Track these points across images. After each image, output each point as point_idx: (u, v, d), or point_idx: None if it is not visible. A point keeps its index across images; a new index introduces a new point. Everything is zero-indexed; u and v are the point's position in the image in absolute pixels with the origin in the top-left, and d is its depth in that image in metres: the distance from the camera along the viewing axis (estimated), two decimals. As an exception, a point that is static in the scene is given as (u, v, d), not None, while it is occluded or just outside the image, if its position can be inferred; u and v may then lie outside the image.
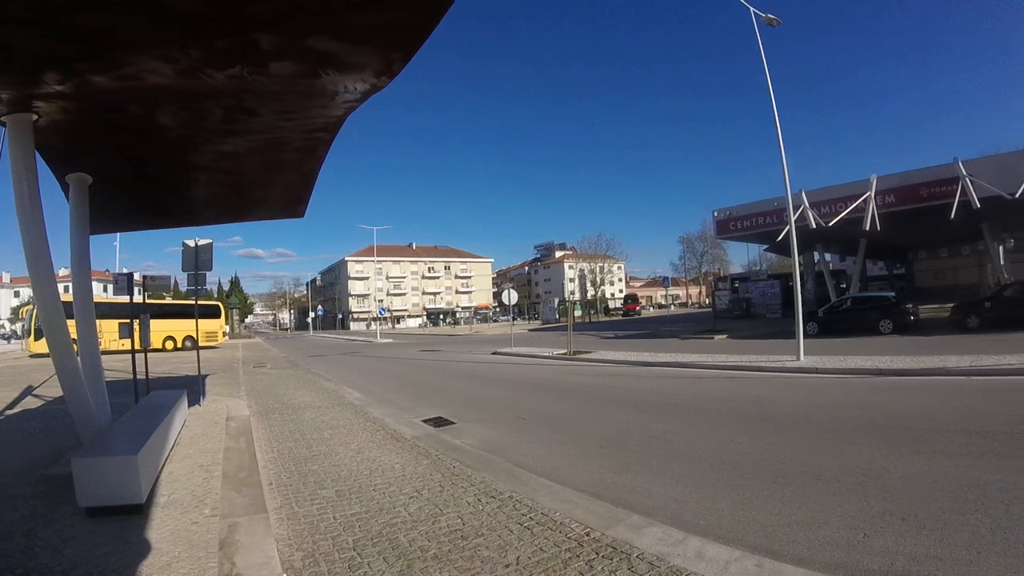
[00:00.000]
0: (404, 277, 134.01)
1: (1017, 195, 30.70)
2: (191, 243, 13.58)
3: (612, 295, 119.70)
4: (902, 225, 38.40)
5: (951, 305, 27.90)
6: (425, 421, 11.83)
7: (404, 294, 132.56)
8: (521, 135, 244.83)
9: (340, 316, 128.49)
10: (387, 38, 4.26)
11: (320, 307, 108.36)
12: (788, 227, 20.66)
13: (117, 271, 38.94)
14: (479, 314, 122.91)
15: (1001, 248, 36.93)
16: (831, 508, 5.99)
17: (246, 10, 3.66)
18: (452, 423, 11.68)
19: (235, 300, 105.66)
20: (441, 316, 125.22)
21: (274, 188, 9.24)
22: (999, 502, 5.78)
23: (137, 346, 12.92)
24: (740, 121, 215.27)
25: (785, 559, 4.85)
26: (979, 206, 32.01)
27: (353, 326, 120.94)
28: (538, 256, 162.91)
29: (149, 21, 3.65)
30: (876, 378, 14.65)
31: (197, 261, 13.66)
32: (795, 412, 11.43)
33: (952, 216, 32.60)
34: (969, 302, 27.21)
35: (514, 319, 49.01)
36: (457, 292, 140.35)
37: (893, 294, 30.27)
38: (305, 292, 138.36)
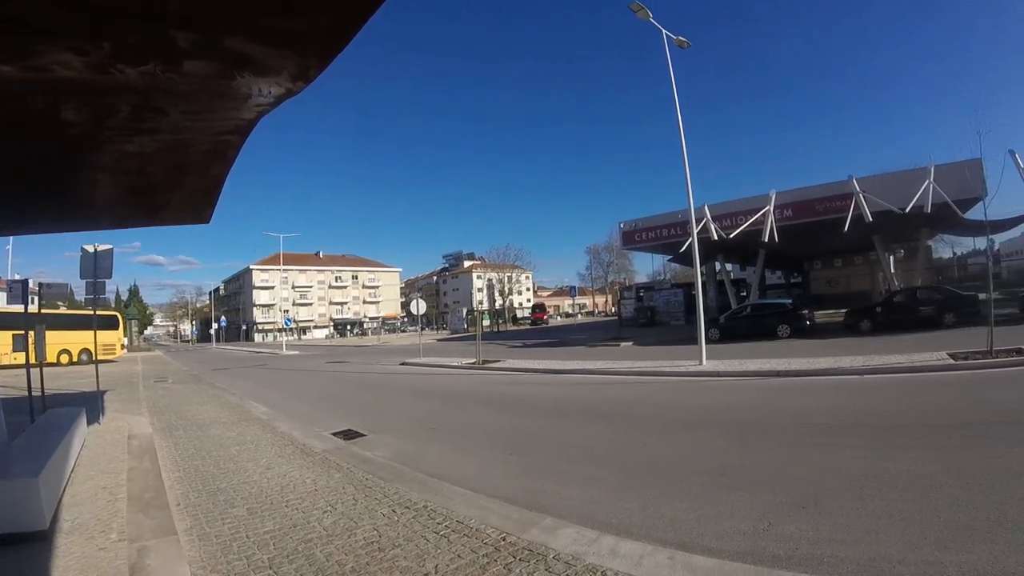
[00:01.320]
0: (311, 287, 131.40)
1: (907, 210, 33.26)
2: (90, 249, 12.85)
3: (520, 304, 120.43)
4: (799, 237, 40.89)
5: (845, 311, 29.77)
6: (335, 434, 11.68)
7: (310, 304, 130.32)
8: (430, 144, 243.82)
9: (244, 327, 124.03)
10: (306, 44, 4.25)
11: (223, 318, 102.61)
12: (691, 239, 21.52)
13: (10, 278, 36.27)
14: (387, 324, 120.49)
15: (891, 258, 39.84)
16: (737, 501, 6.35)
17: (165, 6, 3.62)
18: (363, 435, 11.57)
19: (134, 310, 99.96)
20: (348, 327, 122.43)
21: (180, 192, 8.93)
22: (894, 488, 6.30)
23: (32, 360, 12.20)
24: (648, 136, 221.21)
25: (695, 550, 5.14)
26: (871, 220, 34.42)
27: (258, 337, 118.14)
28: (447, 266, 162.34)
29: (62, 10, 3.56)
30: (774, 379, 15.47)
31: (96, 268, 12.88)
32: (699, 413, 12.00)
33: (846, 229, 34.91)
34: (861, 307, 29.11)
35: (422, 329, 48.77)
36: (365, 302, 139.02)
37: (790, 301, 31.89)
38: (208, 302, 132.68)
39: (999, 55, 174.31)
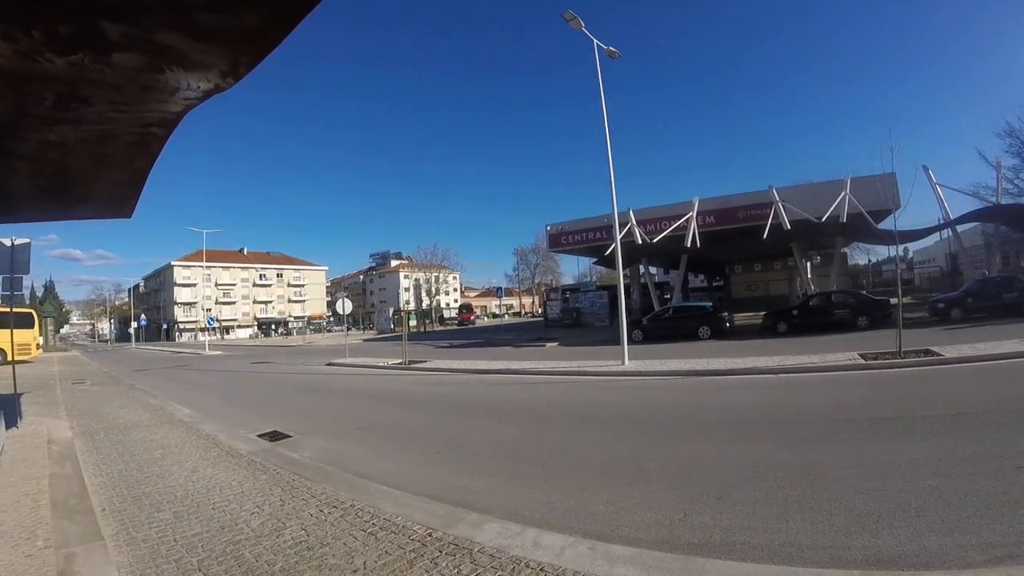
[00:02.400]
0: (234, 284, 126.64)
1: (823, 219, 34.97)
2: (7, 242, 12.23)
3: (448, 305, 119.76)
4: (721, 242, 42.34)
5: (763, 313, 30.69)
6: (261, 436, 11.43)
7: (234, 303, 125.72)
8: (358, 142, 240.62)
9: (165, 326, 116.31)
10: (237, 42, 4.21)
11: (143, 316, 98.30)
12: (614, 244, 21.90)
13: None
14: (313, 324, 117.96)
15: (808, 264, 41.59)
16: (655, 494, 6.59)
17: (101, -1, 3.55)
18: (289, 436, 11.39)
19: (50, 308, 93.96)
20: (273, 326, 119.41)
21: (103, 184, 8.61)
22: (802, 478, 6.66)
23: None
24: (577, 141, 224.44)
25: (615, 541, 5.32)
26: (789, 227, 35.81)
27: (179, 337, 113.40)
28: (374, 265, 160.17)
29: (-3, -3, 3.46)
30: (694, 378, 15.95)
31: (13, 263, 12.26)
32: (620, 411, 12.28)
33: (765, 236, 36.36)
34: (779, 310, 30.12)
35: (349, 329, 48.15)
36: (290, 301, 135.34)
37: (711, 304, 32.86)
38: (127, 299, 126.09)
39: (913, 74, 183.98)
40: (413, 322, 76.87)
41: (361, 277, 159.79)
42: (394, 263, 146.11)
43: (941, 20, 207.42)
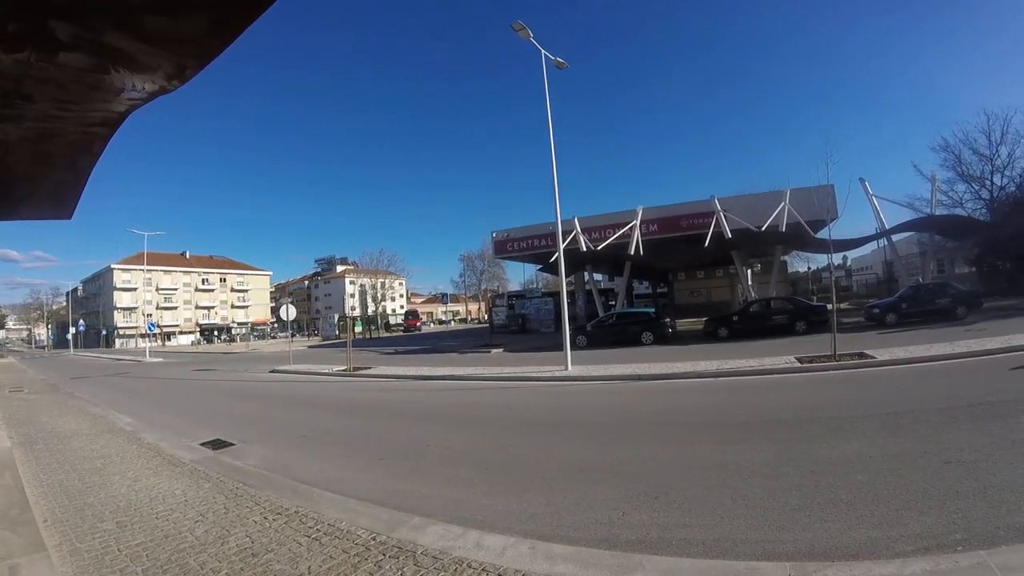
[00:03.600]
0: (176, 289, 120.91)
1: (763, 228, 36.12)
2: None
3: (394, 311, 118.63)
4: (664, 250, 43.08)
5: (705, 319, 31.33)
6: (203, 444, 11.28)
7: (176, 308, 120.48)
8: (304, 146, 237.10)
9: (104, 332, 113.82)
10: (184, 45, 4.16)
11: (82, 321, 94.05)
12: (558, 252, 22.11)
13: None
14: (256, 330, 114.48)
15: (749, 271, 42.56)
16: (594, 494, 6.68)
17: (51, -2, 3.47)
18: (232, 444, 11.19)
19: None
20: (216, 332, 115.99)
21: (44, 183, 8.33)
22: (739, 477, 6.83)
23: None
24: (524, 148, 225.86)
25: (555, 540, 5.41)
26: (731, 236, 36.87)
27: (119, 343, 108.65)
28: (319, 270, 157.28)
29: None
30: (635, 383, 16.17)
31: None
32: (562, 415, 12.40)
33: (707, 244, 37.28)
34: (720, 316, 30.85)
35: (293, 335, 47.45)
36: (233, 306, 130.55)
37: (653, 310, 33.21)
38: (65, 303, 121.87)
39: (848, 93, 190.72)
40: (359, 328, 76.13)
41: (306, 282, 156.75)
42: (340, 268, 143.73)
43: (888, 51, 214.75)
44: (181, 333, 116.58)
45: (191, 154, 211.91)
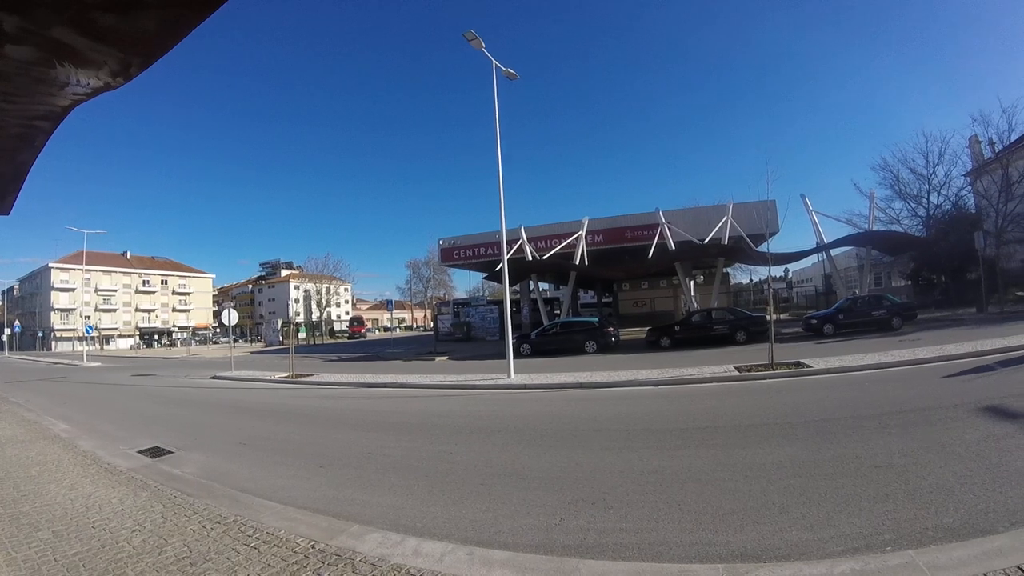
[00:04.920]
0: (115, 291, 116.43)
1: (705, 241, 36.87)
2: None
3: (339, 317, 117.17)
4: (609, 260, 43.57)
5: (648, 328, 31.53)
6: (141, 452, 11.02)
7: (115, 310, 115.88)
8: (251, 151, 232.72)
9: (41, 334, 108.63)
10: (132, 43, 4.08)
11: (17, 322, 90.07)
12: (502, 262, 22.25)
13: None
14: (198, 335, 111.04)
15: (692, 282, 43.48)
16: (532, 501, 6.72)
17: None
18: (170, 452, 10.93)
19: None
20: (156, 336, 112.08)
21: None
22: (673, 482, 6.95)
23: None
24: (473, 158, 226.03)
25: (493, 546, 5.46)
26: (674, 248, 37.45)
27: (57, 346, 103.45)
28: (263, 274, 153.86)
29: None
30: (577, 391, 16.29)
31: None
32: (503, 423, 12.35)
33: (651, 255, 37.92)
34: (662, 326, 31.25)
35: (235, 341, 46.44)
36: (174, 310, 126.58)
37: (597, 319, 33.47)
38: (0, 303, 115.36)
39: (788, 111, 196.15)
40: (302, 334, 75.06)
41: (250, 286, 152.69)
42: (285, 273, 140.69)
43: (823, 73, 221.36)
44: (120, 337, 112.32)
45: (135, 154, 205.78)
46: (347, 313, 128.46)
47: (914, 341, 20.13)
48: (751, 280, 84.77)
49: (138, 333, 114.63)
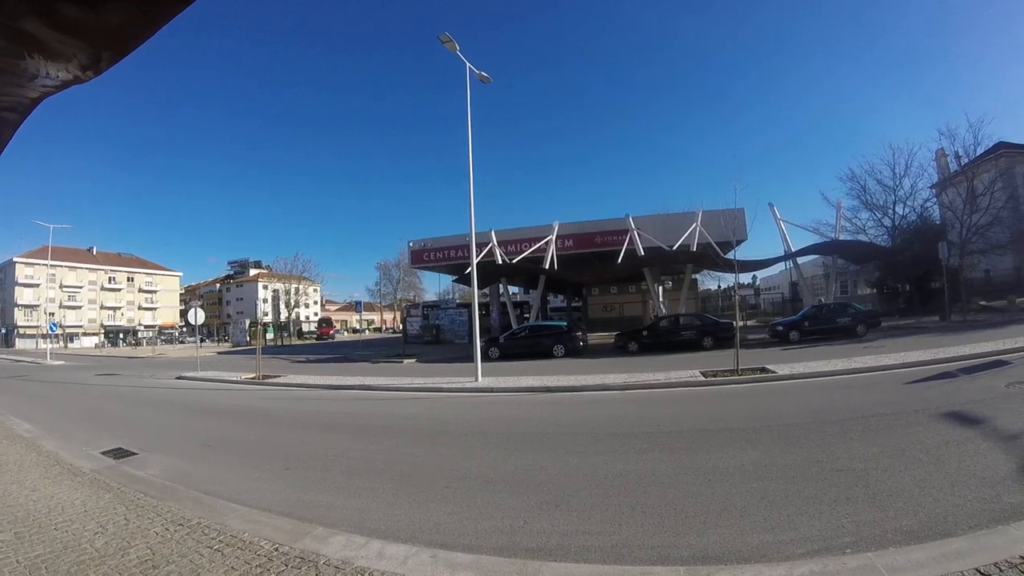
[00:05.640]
0: (81, 287, 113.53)
1: (674, 248, 37.25)
2: None
3: (307, 318, 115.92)
4: (579, 265, 43.64)
5: (616, 333, 31.69)
6: (104, 453, 10.82)
7: (80, 307, 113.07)
8: (221, 148, 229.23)
9: (4, 331, 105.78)
10: (102, 36, 4.03)
11: None
12: (471, 265, 22.25)
13: None
14: (164, 334, 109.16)
15: (660, 288, 43.77)
16: (497, 504, 6.74)
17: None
18: (134, 454, 10.75)
19: None
20: (121, 335, 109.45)
21: None
22: (637, 485, 7.01)
23: None
24: (444, 160, 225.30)
25: (457, 548, 5.46)
26: (643, 254, 37.71)
27: (20, 344, 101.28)
28: (232, 273, 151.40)
29: None
30: (544, 394, 16.30)
31: None
32: (469, 426, 12.37)
33: (620, 260, 38.11)
34: (630, 331, 31.59)
35: (202, 340, 45.71)
36: (140, 308, 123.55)
37: (565, 323, 33.61)
38: None
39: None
40: (270, 335, 74.48)
41: (218, 285, 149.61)
42: (253, 272, 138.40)
43: (790, 82, 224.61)
44: (85, 335, 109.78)
45: (103, 149, 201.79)
46: (316, 314, 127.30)
47: (878, 348, 20.49)
48: (719, 286, 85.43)
49: (103, 331, 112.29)
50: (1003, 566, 4.20)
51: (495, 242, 41.80)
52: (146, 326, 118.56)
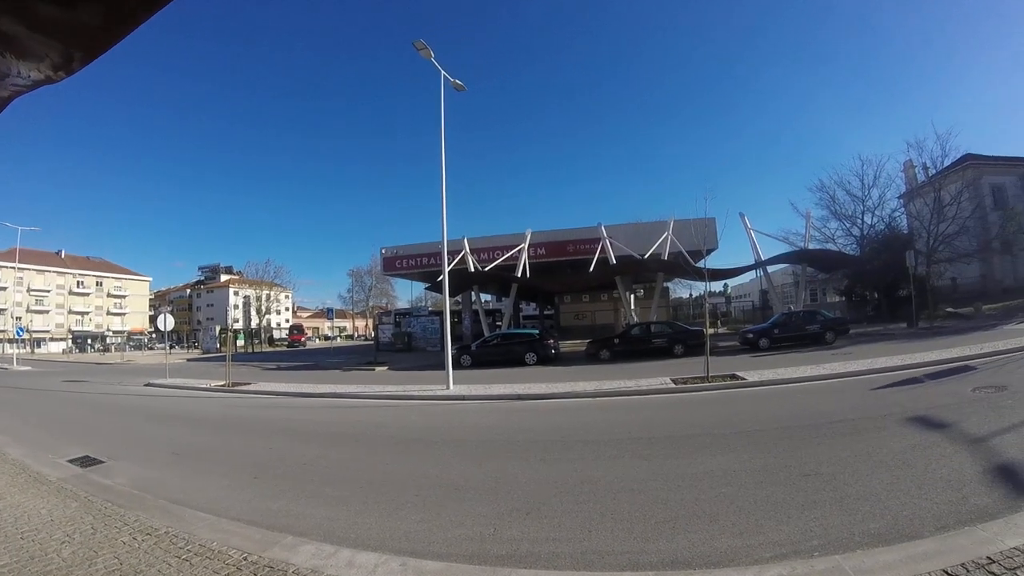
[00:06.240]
0: (48, 291, 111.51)
1: (646, 256, 37.63)
2: None
3: (278, 325, 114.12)
4: (551, 273, 43.93)
5: (588, 341, 31.80)
6: (72, 461, 10.62)
7: (47, 312, 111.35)
8: (193, 152, 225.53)
9: None
10: (76, 36, 3.96)
11: None
12: (443, 272, 22.24)
13: None
14: (133, 340, 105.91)
15: (632, 296, 44.07)
16: (467, 511, 6.70)
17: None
18: (101, 462, 10.54)
19: None
20: (89, 341, 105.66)
21: None
22: (607, 492, 7.02)
23: None
24: (417, 167, 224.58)
25: (427, 557, 5.40)
26: (615, 262, 37.99)
27: None
28: (202, 278, 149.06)
29: None
30: (515, 402, 16.35)
31: None
32: (440, 434, 12.39)
33: (591, 269, 38.40)
34: (602, 338, 31.53)
35: (171, 347, 45.10)
36: (109, 313, 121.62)
37: (537, 331, 33.69)
38: None
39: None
40: (241, 342, 73.43)
41: (188, 291, 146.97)
42: (224, 278, 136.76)
43: (759, 88, 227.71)
44: (52, 340, 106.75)
45: (73, 151, 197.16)
46: (287, 321, 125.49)
47: (846, 355, 20.76)
48: (691, 294, 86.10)
49: (71, 336, 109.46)
50: (970, 567, 4.25)
51: (468, 249, 41.93)
52: (115, 332, 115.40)
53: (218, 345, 71.10)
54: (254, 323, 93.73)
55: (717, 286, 72.87)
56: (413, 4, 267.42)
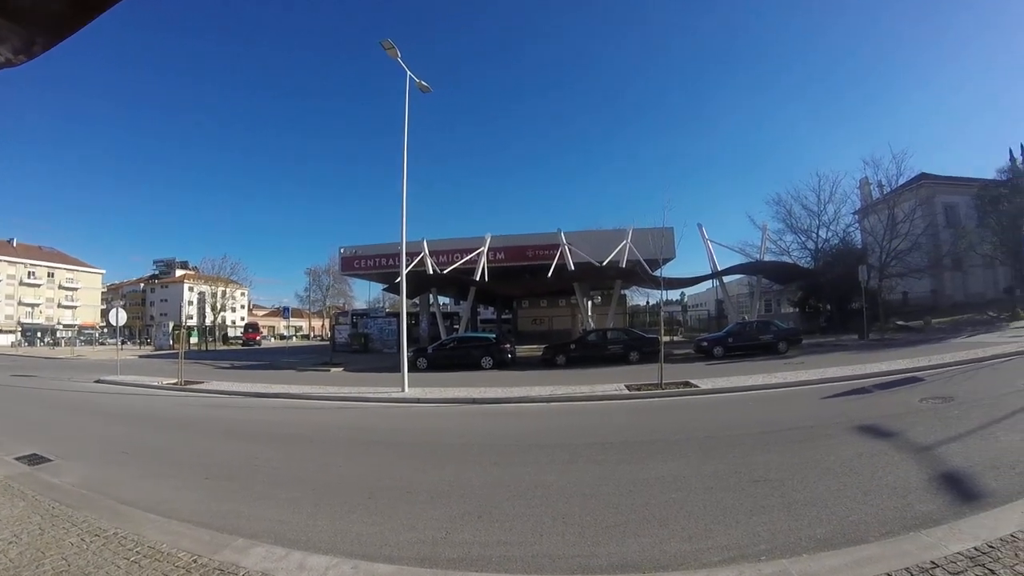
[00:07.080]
0: None
1: (604, 264, 38.06)
2: None
3: (233, 322, 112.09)
4: (510, 278, 44.04)
5: (544, 346, 31.97)
6: (19, 459, 10.32)
7: None
8: (150, 145, 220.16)
9: None
10: (38, 21, 3.89)
11: None
12: (401, 274, 22.15)
13: None
14: (84, 334, 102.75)
15: (589, 303, 44.51)
16: (419, 515, 6.68)
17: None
18: (49, 460, 10.28)
19: None
20: (39, 334, 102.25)
21: None
22: (559, 496, 7.07)
23: None
24: (378, 166, 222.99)
25: (378, 560, 5.37)
26: (573, 269, 38.25)
27: None
28: (157, 272, 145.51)
29: None
30: (470, 406, 16.35)
31: None
32: (393, 437, 12.34)
33: (550, 274, 38.72)
34: (558, 344, 31.82)
35: (123, 342, 44.01)
36: (60, 306, 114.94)
37: (494, 335, 33.75)
38: None
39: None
40: (194, 339, 72.10)
41: (142, 285, 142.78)
42: (180, 273, 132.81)
43: (720, 101, 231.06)
44: (1, 332, 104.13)
45: (29, 136, 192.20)
46: (243, 319, 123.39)
47: (798, 364, 21.17)
48: (647, 302, 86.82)
49: (20, 329, 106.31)
50: (915, 571, 4.34)
51: (427, 252, 41.88)
52: (65, 325, 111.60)
53: (171, 342, 69.50)
54: (209, 320, 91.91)
55: (674, 295, 73.73)
56: (370, 5, 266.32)
